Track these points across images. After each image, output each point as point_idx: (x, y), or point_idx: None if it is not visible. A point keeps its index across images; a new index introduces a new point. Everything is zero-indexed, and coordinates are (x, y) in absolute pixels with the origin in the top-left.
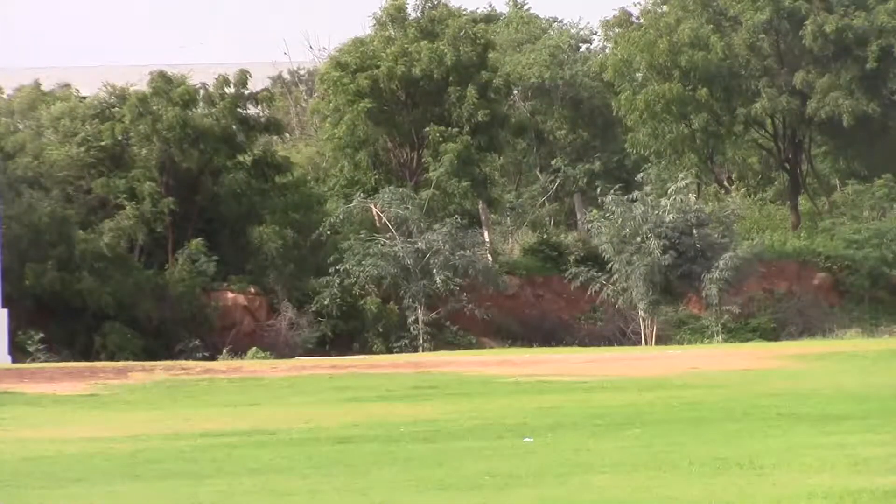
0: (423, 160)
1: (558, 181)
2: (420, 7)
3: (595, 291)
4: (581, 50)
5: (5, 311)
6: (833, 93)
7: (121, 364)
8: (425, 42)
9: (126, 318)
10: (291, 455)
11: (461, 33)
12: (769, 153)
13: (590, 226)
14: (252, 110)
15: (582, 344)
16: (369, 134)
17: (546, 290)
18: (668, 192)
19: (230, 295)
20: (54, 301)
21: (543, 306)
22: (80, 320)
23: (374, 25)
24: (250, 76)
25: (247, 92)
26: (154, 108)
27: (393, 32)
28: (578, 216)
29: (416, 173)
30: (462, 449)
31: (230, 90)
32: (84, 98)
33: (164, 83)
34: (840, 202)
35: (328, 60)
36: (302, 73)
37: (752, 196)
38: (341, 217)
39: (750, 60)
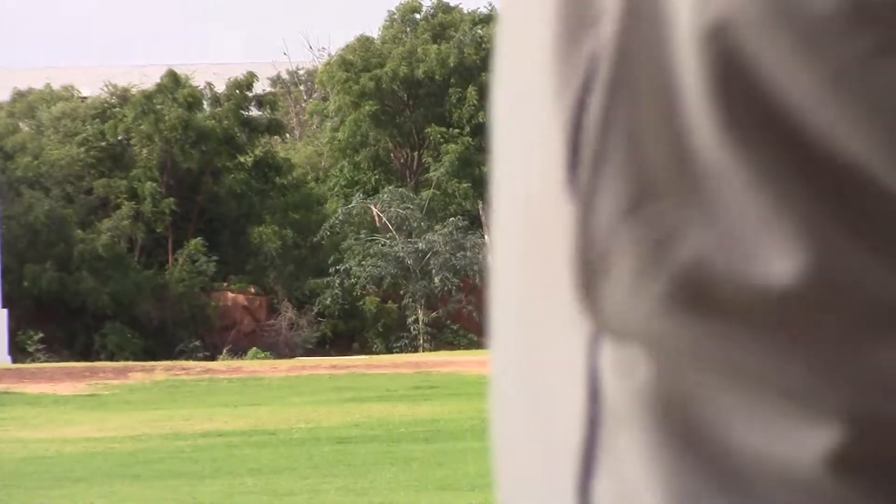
0: (423, 161)
1: None
2: (431, 10)
3: None
4: None
5: (5, 311)
6: None
7: (121, 364)
8: (434, 45)
9: (126, 318)
10: (291, 455)
11: (466, 38)
12: None
13: None
14: (255, 112)
15: None
16: (370, 135)
17: None
18: None
19: (230, 295)
20: (54, 301)
21: None
22: (79, 320)
23: (386, 23)
24: (257, 78)
25: (251, 94)
26: (158, 107)
27: (401, 32)
28: None
29: (417, 173)
30: (462, 449)
31: (236, 91)
32: (85, 98)
33: (173, 82)
34: None
35: (335, 59)
36: (301, 73)
37: None
38: (341, 217)
39: None
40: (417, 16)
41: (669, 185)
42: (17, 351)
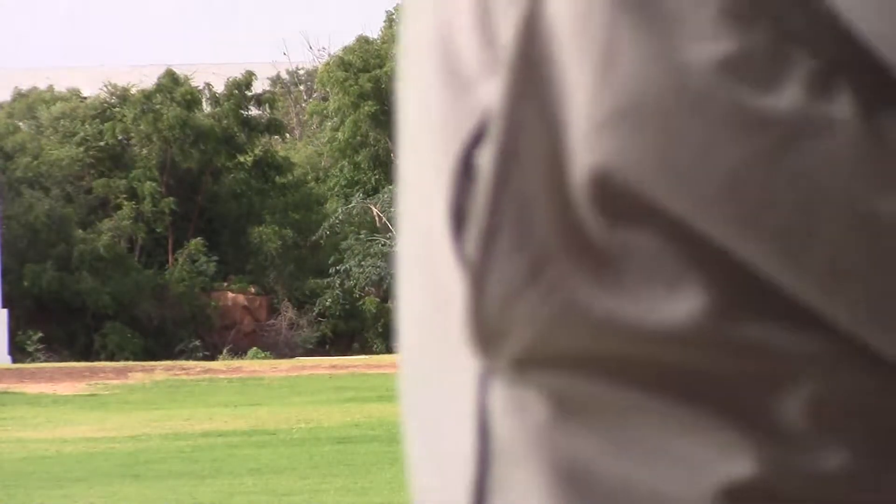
0: None
1: None
2: None
3: None
4: None
5: (5, 311)
6: None
7: (121, 364)
8: None
9: (126, 318)
10: (291, 455)
11: None
12: None
13: None
14: (254, 111)
15: None
16: (370, 135)
17: None
18: None
19: (230, 295)
20: (54, 301)
21: None
22: (79, 320)
23: (385, 23)
24: (255, 77)
25: (250, 94)
26: (157, 106)
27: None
28: None
29: None
30: None
31: (235, 91)
32: (84, 98)
33: (171, 82)
34: None
35: (334, 59)
36: (301, 72)
37: None
38: (341, 217)
39: None
40: None
41: (565, 254)
42: (17, 351)
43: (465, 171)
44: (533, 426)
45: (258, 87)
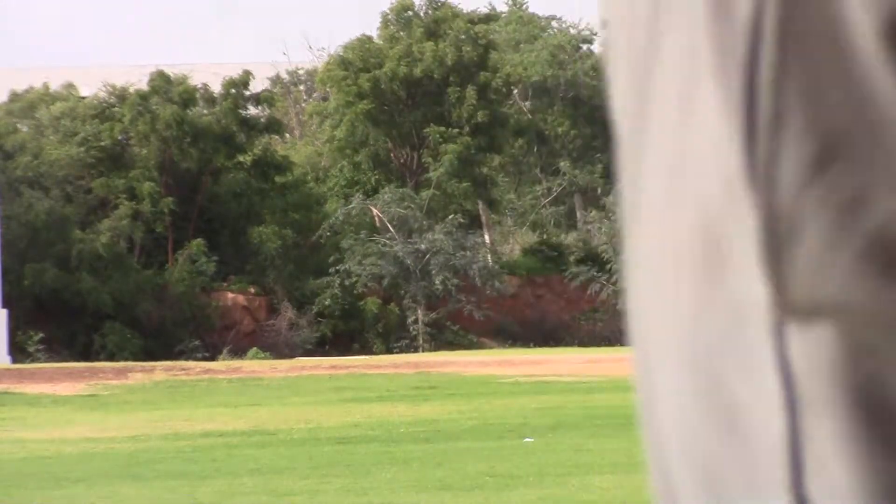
0: (423, 160)
1: (563, 185)
2: (424, 8)
3: (595, 291)
4: (582, 49)
5: (5, 311)
6: None
7: (121, 364)
8: (429, 43)
9: (126, 318)
10: (291, 455)
11: (463, 35)
12: None
13: (590, 226)
14: (253, 110)
15: (582, 344)
16: (369, 135)
17: (546, 291)
18: None
19: (230, 295)
20: (54, 301)
21: (543, 306)
22: (79, 320)
23: (381, 23)
24: (253, 77)
25: (248, 93)
26: (154, 107)
27: (397, 31)
28: (578, 216)
29: (417, 173)
30: (462, 449)
31: (232, 90)
32: (84, 98)
33: (164, 82)
34: None
35: (333, 58)
36: (301, 72)
37: None
38: (340, 217)
39: None
40: (410, 13)
41: (854, 141)
42: (17, 351)
43: (751, 77)
44: (832, 366)
45: (258, 86)
